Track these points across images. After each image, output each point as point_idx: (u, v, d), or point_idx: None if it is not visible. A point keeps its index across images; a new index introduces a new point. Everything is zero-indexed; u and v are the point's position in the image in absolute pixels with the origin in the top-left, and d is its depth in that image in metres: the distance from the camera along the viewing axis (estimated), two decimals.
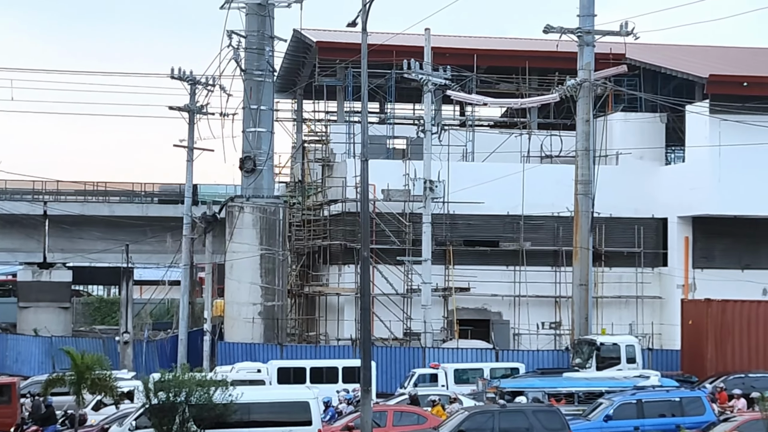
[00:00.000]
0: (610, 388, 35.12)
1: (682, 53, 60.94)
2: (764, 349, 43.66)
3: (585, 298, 44.65)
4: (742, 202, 50.98)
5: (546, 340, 52.72)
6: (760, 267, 53.66)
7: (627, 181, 53.81)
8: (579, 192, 44.98)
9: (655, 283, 54.53)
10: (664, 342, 52.00)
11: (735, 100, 49.96)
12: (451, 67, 50.53)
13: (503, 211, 53.33)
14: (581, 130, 45.02)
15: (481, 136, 56.61)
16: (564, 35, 44.78)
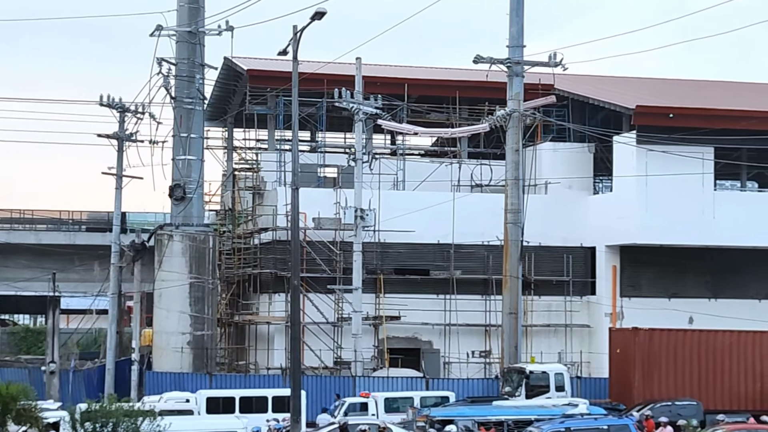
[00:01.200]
0: (539, 416, 35.33)
1: (610, 84, 61.73)
2: (690, 377, 44.17)
3: (514, 326, 44.89)
4: (669, 232, 51.67)
5: (476, 368, 52.88)
6: (687, 296, 54.36)
7: (556, 210, 54.26)
8: (509, 221, 45.29)
9: (583, 312, 54.98)
10: (592, 370, 52.40)
11: (661, 131, 50.67)
12: (382, 96, 50.81)
13: (434, 239, 53.52)
14: (511, 159, 45.38)
15: (411, 164, 56.82)
16: (494, 65, 45.19)
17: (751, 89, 65.48)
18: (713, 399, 43.61)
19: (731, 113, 52.76)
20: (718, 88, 65.15)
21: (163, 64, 49.11)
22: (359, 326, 48.53)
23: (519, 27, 44.87)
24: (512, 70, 44.84)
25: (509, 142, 45.51)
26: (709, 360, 44.33)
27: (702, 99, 58.28)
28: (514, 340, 44.86)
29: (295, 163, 35.05)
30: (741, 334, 45.31)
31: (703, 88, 65.38)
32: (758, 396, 44.16)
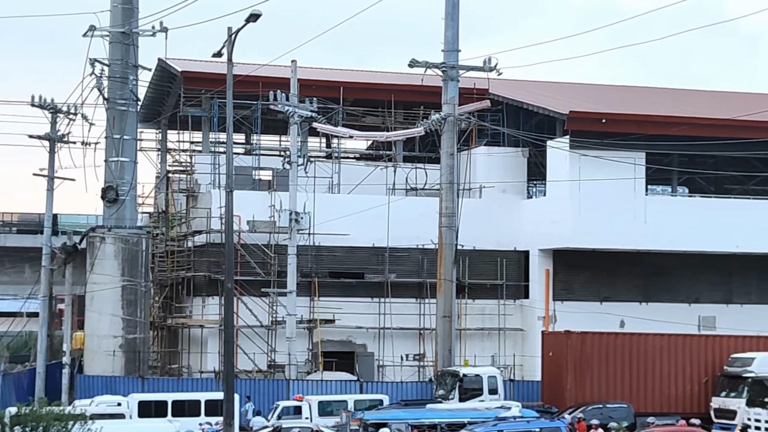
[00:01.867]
0: (472, 419, 35.57)
1: (545, 89, 62.18)
2: (621, 379, 44.62)
3: (448, 329, 45.11)
4: (601, 236, 52.16)
5: (410, 371, 53.01)
6: (618, 299, 54.91)
7: (490, 214, 54.52)
8: (443, 224, 45.52)
9: (516, 315, 55.33)
10: (525, 373, 52.73)
11: (594, 136, 51.18)
12: (318, 99, 50.85)
13: (369, 243, 53.58)
14: (445, 163, 45.61)
15: (347, 168, 56.82)
16: (429, 70, 45.41)
17: (683, 95, 66.32)
18: (644, 401, 44.11)
19: (663, 119, 53.35)
20: (650, 94, 65.89)
21: (96, 65, 48.70)
22: (293, 329, 48.49)
23: (454, 31, 45.14)
24: (447, 74, 45.10)
25: (444, 146, 45.74)
26: (640, 363, 44.82)
27: (634, 105, 58.92)
28: (448, 343, 45.10)
29: (229, 165, 34.93)
30: (671, 337, 45.88)
31: (636, 93, 66.11)
32: (688, 398, 44.72)
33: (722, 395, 43.19)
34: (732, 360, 44.22)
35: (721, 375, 43.96)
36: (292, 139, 49.62)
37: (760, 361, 42.91)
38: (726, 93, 70.51)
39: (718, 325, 54.41)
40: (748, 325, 51.87)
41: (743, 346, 45.31)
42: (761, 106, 54.77)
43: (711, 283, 56.60)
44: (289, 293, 48.48)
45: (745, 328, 50.28)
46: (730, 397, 42.72)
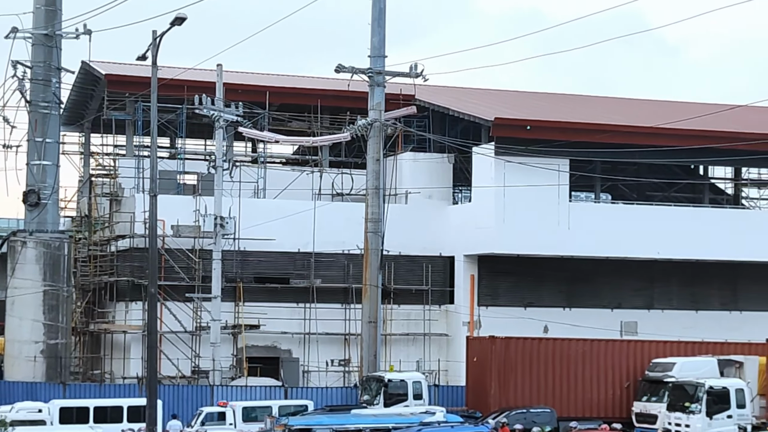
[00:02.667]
0: (396, 424, 35.54)
1: (470, 96, 62.53)
2: (545, 384, 44.98)
3: (374, 335, 45.15)
4: (525, 242, 52.57)
5: (335, 377, 52.99)
6: (542, 305, 55.36)
7: (416, 219, 54.71)
8: (369, 230, 45.56)
9: (442, 321, 55.54)
10: (450, 378, 52.95)
11: (519, 143, 51.62)
12: (244, 103, 50.65)
13: (294, 248, 53.49)
14: (372, 169, 45.67)
15: (272, 173, 56.66)
16: (355, 75, 45.44)
17: (607, 103, 67.08)
18: (567, 406, 44.47)
19: (586, 126, 53.95)
20: (574, 102, 66.60)
21: (18, 67, 48.18)
22: (218, 335, 48.23)
23: (381, 37, 45.20)
24: (374, 80, 45.16)
25: (370, 152, 45.81)
26: (563, 368, 45.20)
27: (559, 112, 59.47)
28: (373, 348, 45.12)
29: (153, 169, 34.69)
30: (594, 342, 46.33)
31: (561, 101, 66.74)
32: (610, 403, 45.17)
33: (643, 400, 43.68)
34: (653, 365, 44.75)
35: (643, 380, 44.46)
36: (217, 143, 49.40)
37: (680, 366, 43.49)
38: (648, 101, 71.43)
39: (640, 331, 55.02)
40: (669, 331, 52.60)
41: (664, 352, 45.92)
42: (682, 115, 55.58)
43: (633, 288, 57.28)
44: (214, 298, 48.23)
45: (666, 334, 51.01)
46: (651, 401, 43.19)
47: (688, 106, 65.14)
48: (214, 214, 48.25)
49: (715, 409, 40.75)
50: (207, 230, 48.87)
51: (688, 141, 53.67)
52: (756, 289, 58.91)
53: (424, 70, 45.45)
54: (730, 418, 40.73)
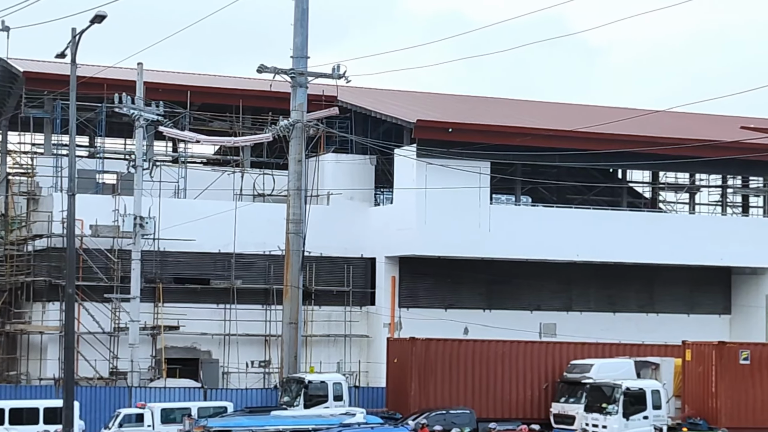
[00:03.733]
0: (316, 425, 35.59)
1: (393, 98, 62.69)
2: (464, 385, 45.25)
3: (294, 336, 45.09)
4: (446, 244, 52.82)
5: (255, 378, 52.80)
6: (462, 306, 55.67)
7: (337, 221, 54.69)
8: (290, 231, 45.49)
9: (363, 322, 55.60)
10: (370, 380, 53.04)
11: (440, 145, 51.86)
12: (164, 102, 50.29)
13: (215, 248, 53.17)
14: (293, 170, 45.62)
15: (193, 173, 56.27)
16: (278, 76, 45.34)
17: (528, 106, 67.66)
18: (486, 407, 44.80)
19: (507, 129, 54.34)
20: (496, 105, 67.03)
21: None
22: (136, 336, 47.83)
23: (303, 38, 45.17)
24: (296, 80, 45.11)
25: (292, 153, 45.75)
26: (482, 369, 45.52)
27: (481, 115, 59.83)
28: (293, 350, 45.05)
29: (72, 168, 34.34)
30: (513, 343, 46.73)
31: (482, 104, 67.14)
32: (529, 404, 45.62)
33: (562, 401, 44.16)
34: (571, 366, 45.25)
35: (561, 381, 44.94)
36: (137, 142, 48.98)
37: (598, 367, 44.04)
38: (569, 105, 72.22)
39: (559, 332, 55.60)
40: (587, 332, 53.23)
41: (582, 353, 46.46)
42: (602, 119, 56.19)
43: (552, 290, 57.85)
44: (133, 299, 47.82)
45: (584, 335, 51.60)
46: (569, 402, 43.67)
47: (608, 110, 65.94)
48: (133, 214, 47.84)
49: (632, 410, 41.31)
50: (126, 230, 48.43)
51: (607, 145, 54.30)
52: (672, 291, 59.88)
53: (346, 72, 45.48)
54: (647, 419, 41.31)
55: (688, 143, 55.57)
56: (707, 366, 43.08)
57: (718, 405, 42.39)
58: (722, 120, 68.04)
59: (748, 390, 42.73)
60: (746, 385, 42.73)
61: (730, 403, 42.43)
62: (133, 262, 47.97)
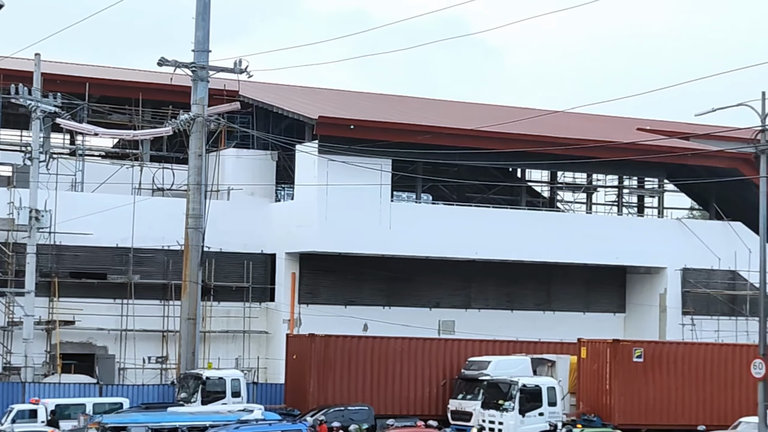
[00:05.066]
0: (214, 422, 35.25)
1: (296, 94, 62.53)
2: (363, 382, 45.29)
3: (192, 332, 44.68)
4: (347, 241, 52.86)
5: (152, 374, 52.21)
6: (362, 303, 55.79)
7: (238, 216, 54.40)
8: (190, 226, 45.03)
9: (262, 318, 55.36)
10: (269, 376, 52.85)
11: (342, 142, 51.84)
12: (62, 94, 49.47)
13: (112, 243, 52.48)
14: (193, 164, 45.20)
15: (91, 166, 55.52)
16: (179, 69, 44.86)
17: (429, 105, 68.00)
18: (384, 404, 44.89)
19: (409, 127, 54.54)
20: (398, 103, 67.24)
21: None
22: (31, 331, 46.97)
23: (205, 32, 44.74)
24: (197, 74, 44.69)
25: (192, 147, 45.32)
26: (381, 366, 45.62)
27: (382, 112, 59.96)
28: (191, 346, 44.65)
29: None
30: (412, 340, 46.91)
31: (385, 101, 67.33)
32: (426, 401, 45.80)
33: (459, 397, 44.39)
34: (469, 363, 45.54)
35: (459, 378, 45.20)
36: (33, 134, 48.09)
37: (495, 364, 44.36)
38: (470, 104, 72.76)
39: (457, 329, 55.95)
40: (485, 330, 53.61)
41: (480, 350, 46.80)
42: (502, 118, 56.70)
43: (451, 288, 58.22)
44: (27, 293, 46.97)
45: (483, 333, 51.96)
46: (466, 399, 43.93)
47: (507, 110, 66.57)
48: (29, 207, 46.99)
49: (528, 406, 41.70)
50: (21, 223, 47.49)
51: (506, 144, 54.80)
52: (568, 290, 60.68)
53: (248, 67, 45.13)
54: (542, 415, 41.73)
55: (586, 144, 56.38)
56: (602, 363, 43.70)
57: (612, 402, 43.05)
58: (619, 121, 69.15)
59: (641, 387, 43.46)
60: (639, 383, 43.46)
61: (624, 400, 43.11)
62: (28, 255, 47.12)
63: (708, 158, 59.87)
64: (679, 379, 44.12)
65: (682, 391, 44.02)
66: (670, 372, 44.09)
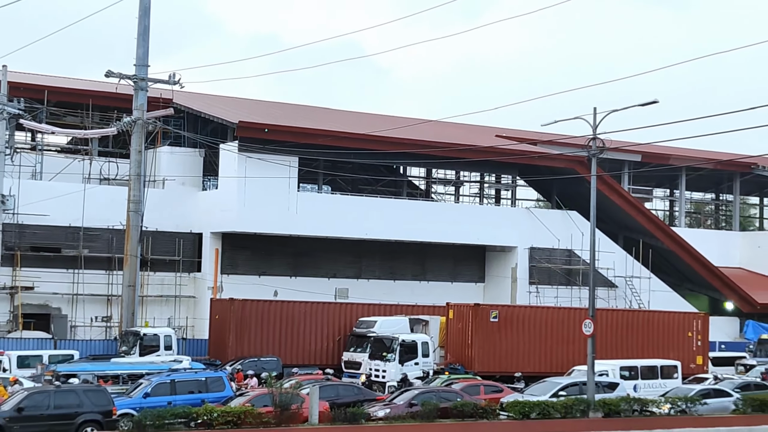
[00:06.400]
0: (149, 370, 34.97)
1: (221, 102, 61.93)
2: (273, 338, 45.13)
3: (132, 297, 44.16)
4: (261, 222, 52.67)
5: (98, 331, 51.36)
6: (273, 274, 55.57)
7: (171, 202, 53.73)
8: (131, 209, 44.48)
9: (190, 285, 54.79)
10: (196, 333, 52.35)
11: (258, 142, 51.62)
12: (25, 99, 48.35)
13: (66, 222, 51.39)
14: (134, 159, 44.61)
15: (49, 159, 54.47)
16: (123, 80, 44.23)
17: (331, 113, 67.86)
18: (290, 356, 44.91)
19: (312, 131, 54.42)
20: (305, 111, 66.97)
21: None
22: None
23: (145, 50, 44.17)
24: (138, 85, 44.10)
25: (134, 145, 44.72)
26: (288, 325, 45.59)
27: (292, 119, 59.65)
28: (131, 308, 44.13)
29: None
30: (313, 304, 46.96)
31: (294, 110, 67.03)
32: (325, 353, 45.92)
33: (351, 350, 44.62)
34: (359, 323, 45.78)
35: (351, 334, 45.40)
36: (0, 132, 46.88)
37: (380, 324, 44.69)
38: (363, 113, 72.83)
39: (351, 296, 56.08)
40: (374, 296, 53.87)
41: (368, 312, 47.04)
42: (388, 125, 57.02)
43: (346, 262, 58.30)
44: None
45: (371, 298, 52.20)
46: (357, 352, 44.17)
47: (393, 118, 66.78)
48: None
49: (406, 357, 42.13)
50: None
51: (391, 146, 55.04)
52: (440, 264, 61.19)
53: (181, 79, 44.68)
54: (417, 364, 42.19)
55: (455, 147, 56.90)
56: (465, 323, 44.26)
57: (473, 354, 43.63)
58: (481, 129, 69.89)
59: (496, 342, 44.11)
60: (495, 339, 44.09)
61: (482, 352, 43.72)
62: None
63: (551, 160, 60.93)
64: (526, 336, 44.81)
65: (528, 345, 44.72)
66: (519, 330, 44.77)
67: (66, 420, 27.58)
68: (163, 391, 31.36)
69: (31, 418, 27.43)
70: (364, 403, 32.27)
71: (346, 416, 29.75)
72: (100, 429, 28.05)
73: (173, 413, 28.16)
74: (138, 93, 44.18)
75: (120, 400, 30.23)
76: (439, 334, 45.24)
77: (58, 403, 27.99)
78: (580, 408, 32.68)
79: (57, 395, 28.31)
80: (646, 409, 33.85)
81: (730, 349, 58.14)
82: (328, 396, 32.04)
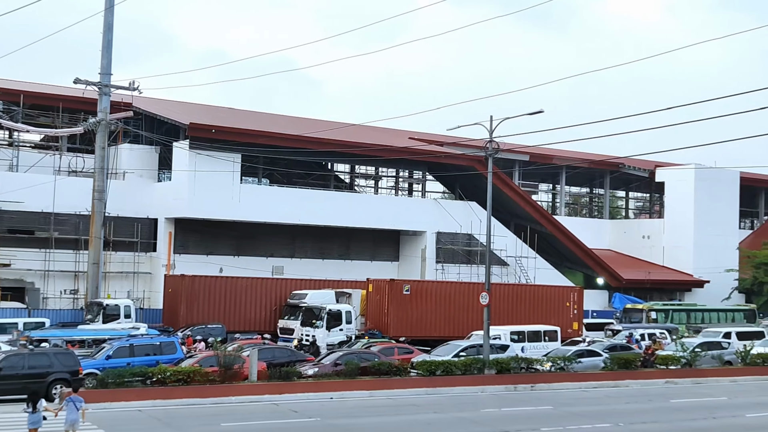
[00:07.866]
0: (111, 336, 34.47)
1: (176, 106, 61.03)
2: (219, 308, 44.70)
3: (96, 273, 43.43)
4: (209, 209, 52.19)
5: (67, 302, 50.36)
6: (219, 254, 55.06)
7: (130, 191, 52.84)
8: (96, 198, 43.74)
9: (147, 263, 53.97)
10: (152, 304, 51.62)
11: (207, 141, 51.05)
12: (3, 102, 46.99)
13: (39, 209, 50.21)
14: (99, 154, 43.85)
15: (24, 154, 53.17)
16: (89, 86, 43.43)
17: (272, 118, 67.42)
18: (234, 323, 44.57)
19: (254, 132, 54.07)
20: (249, 115, 66.40)
21: None
22: None
23: (108, 60, 43.41)
24: (102, 90, 43.35)
25: (98, 142, 43.94)
26: (232, 297, 45.22)
27: (237, 121, 59.03)
28: (96, 282, 43.41)
29: None
30: (254, 280, 46.67)
31: (239, 114, 66.33)
32: (263, 321, 45.69)
33: (285, 318, 44.53)
34: (293, 295, 45.66)
35: (285, 305, 45.29)
36: None
37: (310, 296, 44.65)
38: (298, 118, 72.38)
39: (286, 273, 55.89)
40: (305, 273, 53.74)
41: (301, 286, 46.93)
42: (318, 128, 56.86)
43: (282, 244, 58.06)
44: None
45: (303, 275, 52.08)
46: (290, 320, 44.11)
47: (323, 122, 66.61)
48: None
49: (332, 324, 42.17)
50: None
51: (321, 146, 54.97)
52: (361, 246, 61.32)
53: (140, 86, 44.05)
54: (342, 330, 42.28)
55: (374, 147, 57.05)
56: (383, 295, 44.47)
57: (389, 321, 43.87)
58: (396, 132, 70.16)
59: (408, 311, 44.41)
60: (407, 308, 44.40)
61: (397, 319, 43.98)
62: None
63: (455, 159, 61.45)
64: (433, 306, 45.18)
65: (434, 314, 45.10)
66: (427, 301, 45.12)
67: (39, 378, 27.13)
68: (123, 353, 30.97)
69: (8, 377, 27.03)
70: (296, 363, 32.26)
71: (281, 374, 29.74)
72: (68, 386, 27.55)
73: (132, 372, 27.89)
74: (102, 98, 43.39)
75: (86, 361, 29.77)
76: (361, 305, 45.40)
77: (31, 364, 27.55)
78: (477, 366, 33.15)
79: (31, 357, 27.89)
80: (531, 367, 34.48)
81: (600, 316, 59.49)
82: (265, 357, 31.95)
